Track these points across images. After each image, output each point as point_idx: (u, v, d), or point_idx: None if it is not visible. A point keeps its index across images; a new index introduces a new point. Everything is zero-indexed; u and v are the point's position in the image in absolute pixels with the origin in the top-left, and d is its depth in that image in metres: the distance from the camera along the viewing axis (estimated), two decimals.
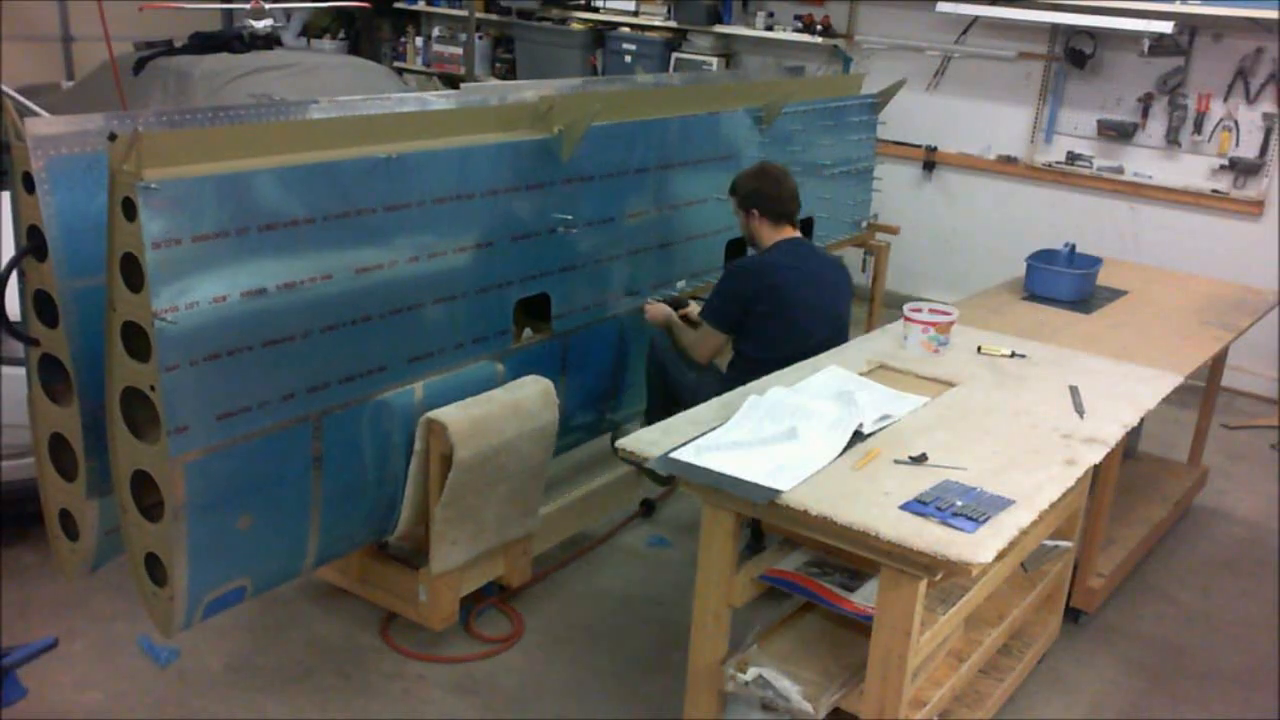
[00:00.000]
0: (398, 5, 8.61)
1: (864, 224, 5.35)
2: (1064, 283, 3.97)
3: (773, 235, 3.55)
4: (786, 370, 3.05)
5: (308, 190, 2.59)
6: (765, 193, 3.53)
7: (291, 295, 2.58)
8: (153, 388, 2.33)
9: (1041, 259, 4.07)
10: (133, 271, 2.29)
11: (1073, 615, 3.49)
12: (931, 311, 3.29)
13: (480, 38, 8.07)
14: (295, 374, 2.63)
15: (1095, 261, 4.11)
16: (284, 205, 2.53)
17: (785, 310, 3.43)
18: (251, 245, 2.47)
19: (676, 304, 3.82)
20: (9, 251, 2.56)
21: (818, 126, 4.79)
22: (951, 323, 3.29)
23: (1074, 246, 4.16)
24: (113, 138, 2.28)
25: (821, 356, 3.20)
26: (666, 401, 3.60)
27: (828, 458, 2.48)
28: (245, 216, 2.45)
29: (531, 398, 3.15)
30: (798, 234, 3.61)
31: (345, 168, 2.69)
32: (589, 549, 3.81)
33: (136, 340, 2.34)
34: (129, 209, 2.24)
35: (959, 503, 2.30)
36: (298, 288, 2.59)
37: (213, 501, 2.50)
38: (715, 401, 2.80)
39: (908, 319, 3.29)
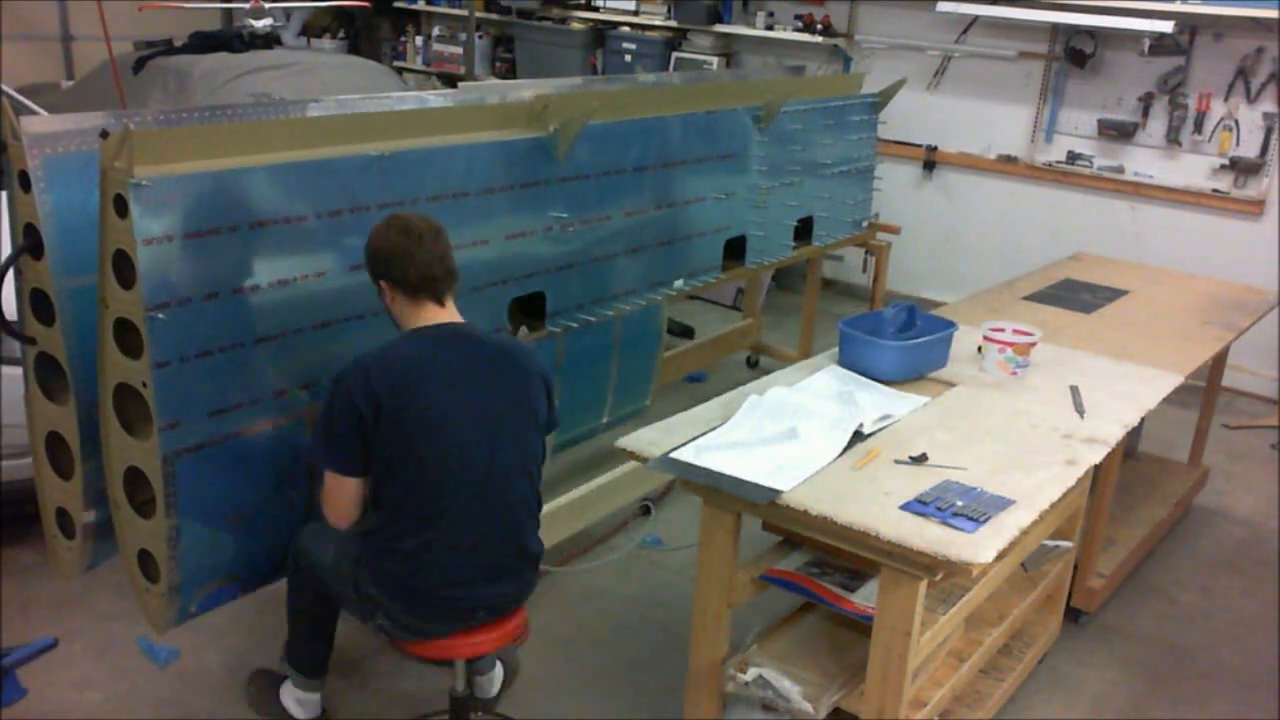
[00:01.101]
0: (398, 5, 8.60)
1: (865, 224, 5.34)
2: (886, 357, 3.00)
3: (411, 318, 2.49)
4: (786, 374, 3.03)
5: (301, 188, 2.58)
6: (397, 255, 2.43)
7: (284, 292, 2.57)
8: (145, 384, 2.33)
9: (861, 326, 3.10)
10: (125, 268, 2.28)
11: (1073, 615, 3.48)
12: (1015, 333, 3.12)
13: (480, 37, 8.07)
14: (288, 371, 2.62)
15: (944, 325, 3.12)
16: (277, 203, 2.53)
17: (412, 439, 2.35)
18: (244, 242, 2.46)
19: None
20: (6, 250, 2.55)
21: (818, 126, 4.78)
22: (1032, 344, 3.09)
23: (913, 309, 3.21)
24: (105, 135, 2.28)
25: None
26: (315, 603, 2.70)
27: (828, 458, 2.47)
28: (237, 214, 2.44)
29: None
30: (450, 315, 2.50)
31: (338, 165, 2.68)
32: (588, 549, 3.80)
33: (129, 337, 2.33)
34: (120, 206, 2.23)
35: (959, 503, 2.29)
36: (290, 285, 2.58)
37: (204, 498, 2.49)
38: (715, 401, 2.79)
39: (987, 339, 3.10)
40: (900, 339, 3.10)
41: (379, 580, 2.47)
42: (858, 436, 2.58)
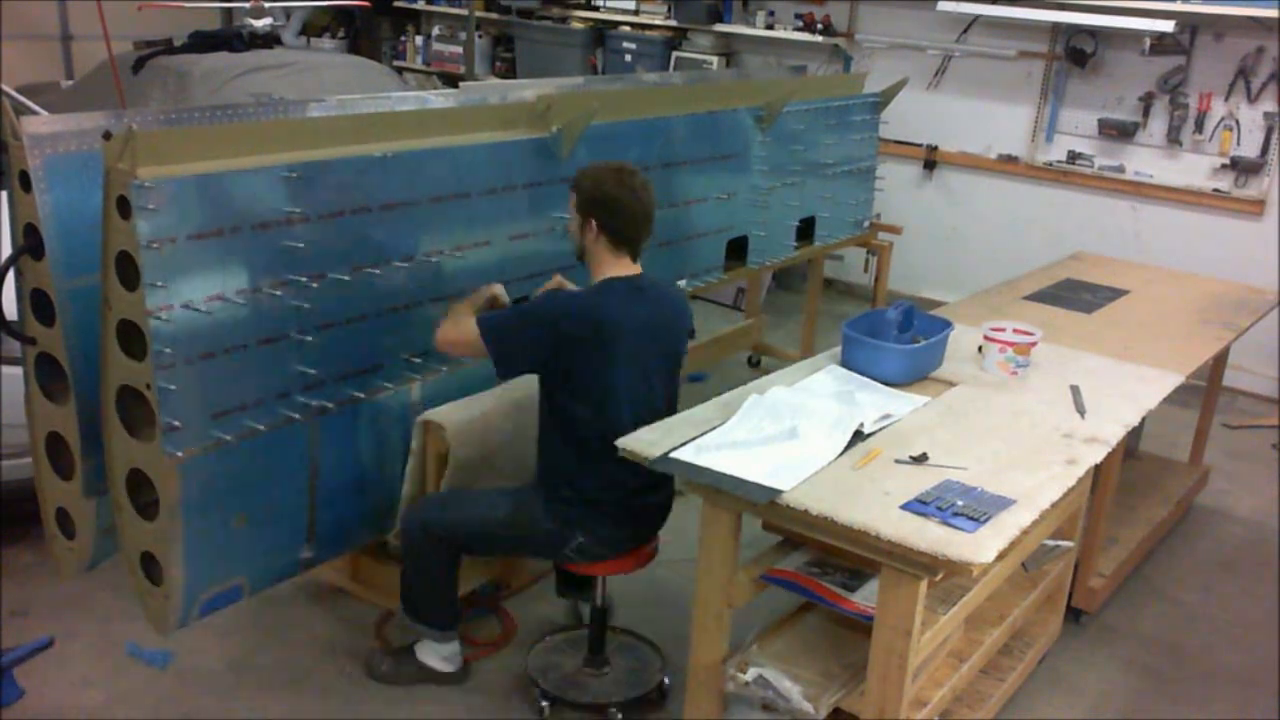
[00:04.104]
0: (398, 4, 8.60)
1: (866, 224, 5.34)
2: (892, 361, 2.98)
3: (608, 266, 2.75)
4: (781, 375, 3.03)
5: (303, 189, 2.58)
6: (616, 202, 2.69)
7: (287, 294, 2.57)
8: (148, 386, 2.33)
9: (865, 324, 3.10)
10: (128, 270, 2.28)
11: (1074, 615, 3.48)
12: (1015, 332, 3.12)
13: (480, 37, 8.06)
14: (291, 373, 2.62)
15: (940, 325, 3.13)
16: (279, 204, 2.53)
17: (601, 378, 2.66)
18: (246, 244, 2.47)
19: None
20: (6, 250, 2.55)
21: (820, 126, 4.78)
22: (1033, 344, 3.08)
23: (910, 309, 3.15)
24: (108, 136, 2.28)
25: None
26: (442, 564, 2.88)
27: (828, 457, 2.46)
28: (240, 215, 2.44)
29: (529, 397, 3.13)
30: (636, 269, 2.79)
31: (341, 167, 2.68)
32: None
33: (132, 339, 2.34)
34: (124, 207, 2.23)
35: (960, 502, 2.28)
36: (293, 286, 2.58)
37: (208, 500, 2.49)
38: (716, 401, 2.78)
39: (988, 338, 3.10)
40: (900, 339, 3.10)
41: (577, 505, 2.75)
42: (858, 436, 2.58)
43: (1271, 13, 5.21)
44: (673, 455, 2.47)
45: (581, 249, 2.80)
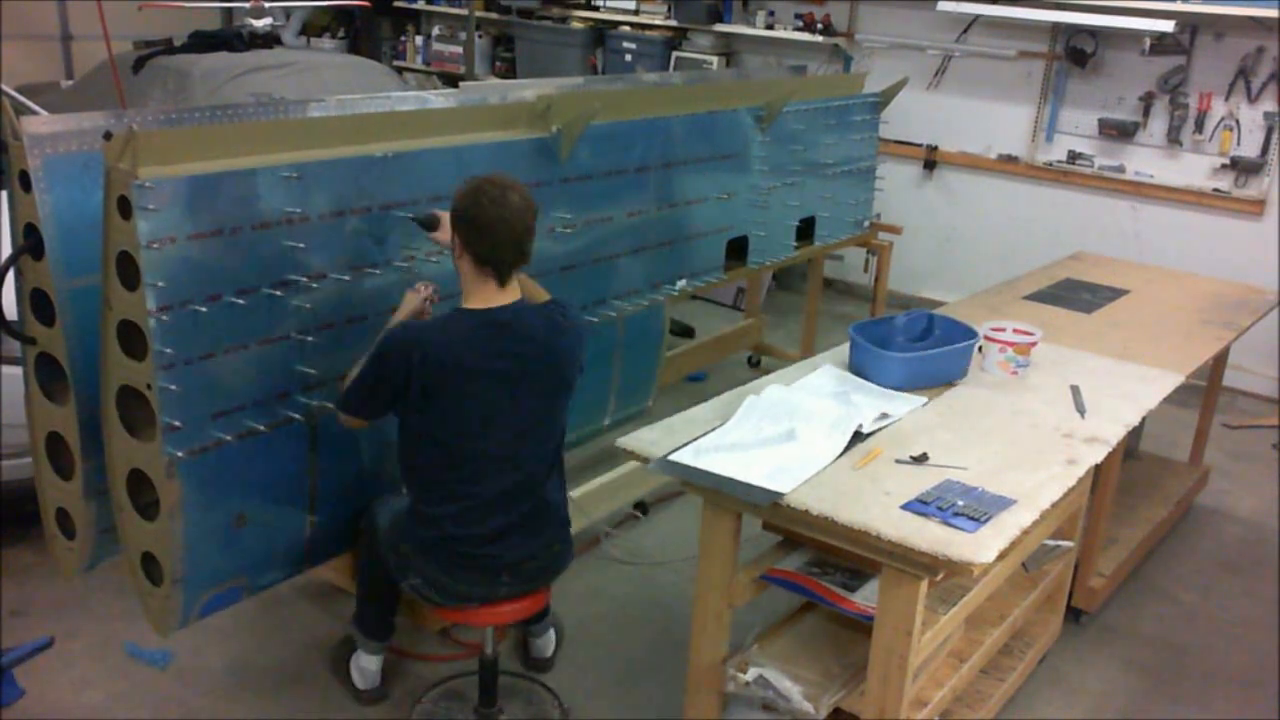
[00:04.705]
0: (398, 4, 8.60)
1: (866, 224, 5.34)
2: (893, 368, 2.94)
3: (473, 290, 2.50)
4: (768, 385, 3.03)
5: (303, 189, 2.58)
6: (481, 219, 2.42)
7: (287, 294, 2.57)
8: (149, 386, 2.33)
9: (870, 332, 3.06)
10: (128, 270, 2.28)
11: (1074, 615, 3.49)
12: (1015, 332, 3.12)
13: (480, 37, 8.06)
14: (291, 373, 2.62)
15: (966, 334, 3.07)
16: (279, 204, 2.53)
17: (445, 420, 2.48)
18: (246, 244, 2.46)
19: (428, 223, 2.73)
20: (6, 250, 2.55)
21: (820, 126, 4.77)
22: (1033, 344, 3.09)
23: (931, 317, 3.18)
24: (108, 136, 2.28)
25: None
26: (377, 568, 2.81)
27: (828, 458, 2.46)
28: (240, 215, 2.44)
29: None
30: (507, 296, 2.51)
31: (341, 166, 2.68)
32: (586, 549, 3.80)
33: (132, 339, 2.34)
34: (124, 207, 2.23)
35: (960, 502, 2.29)
36: (293, 286, 2.58)
37: (208, 500, 2.49)
38: (715, 401, 2.78)
39: (988, 338, 3.09)
40: (915, 347, 3.07)
41: (414, 541, 2.63)
42: (858, 436, 2.58)
43: (1271, 13, 5.21)
44: (671, 458, 2.47)
45: (457, 273, 2.54)
